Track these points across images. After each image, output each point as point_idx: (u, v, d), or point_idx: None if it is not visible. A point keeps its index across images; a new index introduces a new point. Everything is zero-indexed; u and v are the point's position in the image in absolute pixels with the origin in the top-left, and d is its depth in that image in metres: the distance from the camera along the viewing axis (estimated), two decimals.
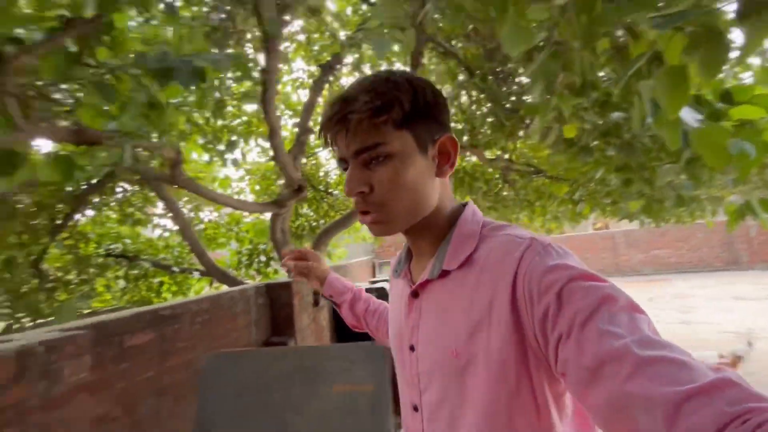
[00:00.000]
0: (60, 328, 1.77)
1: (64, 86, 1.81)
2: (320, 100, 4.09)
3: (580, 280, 0.50)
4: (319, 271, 1.00)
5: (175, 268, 4.88)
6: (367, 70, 4.07)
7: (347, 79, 4.89)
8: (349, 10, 4.03)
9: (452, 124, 1.18)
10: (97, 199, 4.78)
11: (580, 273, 0.51)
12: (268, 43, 2.60)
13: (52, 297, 4.41)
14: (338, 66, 3.83)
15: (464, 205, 0.67)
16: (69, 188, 3.96)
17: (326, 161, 6.38)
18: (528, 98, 3.20)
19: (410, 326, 0.66)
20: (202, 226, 5.72)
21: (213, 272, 4.41)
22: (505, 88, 3.30)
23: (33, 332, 2.11)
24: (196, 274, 4.77)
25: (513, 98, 3.28)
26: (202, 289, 6.09)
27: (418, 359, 0.64)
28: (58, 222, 4.42)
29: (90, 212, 5.16)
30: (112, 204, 5.19)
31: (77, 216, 4.64)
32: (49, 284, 4.46)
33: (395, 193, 0.59)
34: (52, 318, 4.13)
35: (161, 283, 5.74)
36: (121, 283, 5.68)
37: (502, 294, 0.54)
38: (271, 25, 2.38)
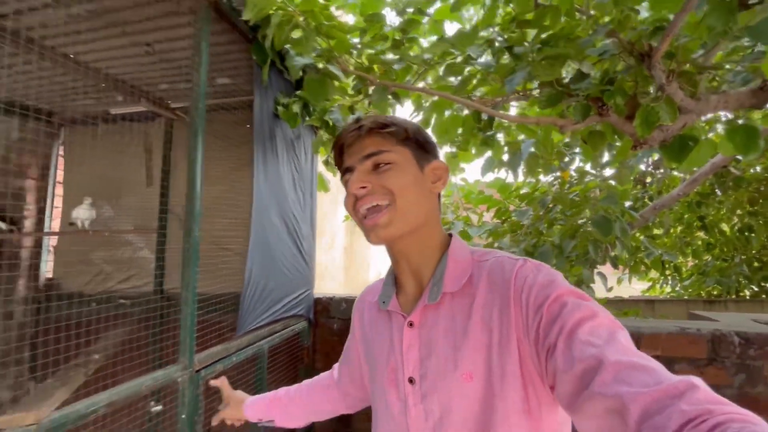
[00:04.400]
0: None
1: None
2: None
3: (567, 296, 0.55)
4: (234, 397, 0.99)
5: None
6: None
7: None
8: None
9: None
10: None
11: (568, 290, 0.56)
12: None
13: None
14: None
15: (450, 235, 0.72)
16: None
17: None
18: None
19: (411, 358, 0.65)
20: None
21: None
22: None
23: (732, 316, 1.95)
24: None
25: None
26: None
27: (426, 393, 0.63)
28: None
29: None
30: None
31: None
32: None
33: (398, 189, 0.64)
34: None
35: None
36: None
37: (505, 310, 0.59)
38: None
